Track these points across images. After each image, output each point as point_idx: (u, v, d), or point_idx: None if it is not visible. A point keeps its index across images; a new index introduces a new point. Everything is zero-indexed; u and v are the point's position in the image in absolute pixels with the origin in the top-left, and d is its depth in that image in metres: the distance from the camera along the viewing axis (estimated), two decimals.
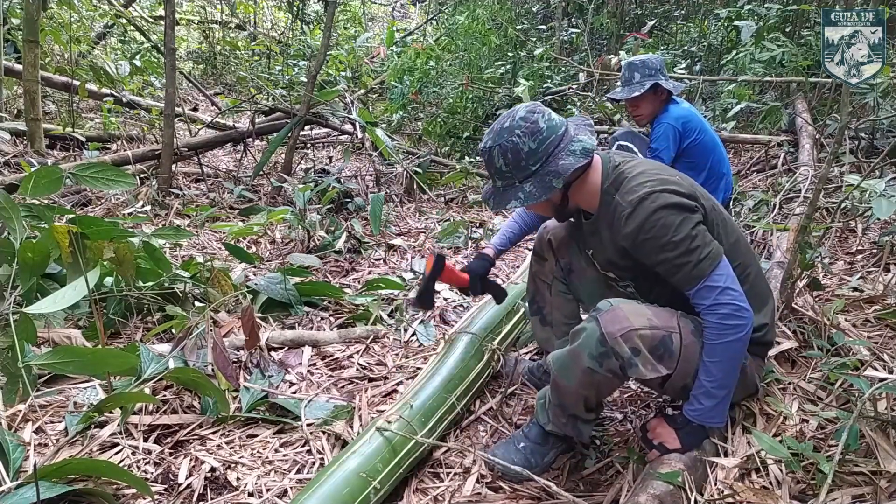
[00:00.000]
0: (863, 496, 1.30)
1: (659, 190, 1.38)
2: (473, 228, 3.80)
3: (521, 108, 1.50)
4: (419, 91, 5.76)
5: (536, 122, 1.46)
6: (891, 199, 1.65)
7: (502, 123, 1.49)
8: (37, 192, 2.03)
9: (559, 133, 1.47)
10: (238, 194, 4.31)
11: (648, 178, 1.42)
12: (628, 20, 7.19)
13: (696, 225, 1.37)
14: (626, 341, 1.34)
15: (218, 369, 1.87)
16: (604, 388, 1.47)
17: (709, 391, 1.40)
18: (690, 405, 1.44)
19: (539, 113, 1.48)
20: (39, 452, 1.59)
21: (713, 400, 1.40)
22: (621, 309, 1.38)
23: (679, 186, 1.41)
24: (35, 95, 4.48)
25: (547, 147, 1.46)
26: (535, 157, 1.46)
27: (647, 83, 2.67)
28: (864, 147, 3.62)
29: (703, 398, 1.41)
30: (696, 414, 1.43)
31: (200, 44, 9.78)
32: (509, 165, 1.48)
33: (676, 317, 1.42)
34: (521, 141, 1.45)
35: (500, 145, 1.47)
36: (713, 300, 1.35)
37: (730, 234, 1.49)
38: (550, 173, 1.45)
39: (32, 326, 1.85)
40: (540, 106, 1.51)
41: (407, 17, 11.84)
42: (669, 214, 1.36)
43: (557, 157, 1.46)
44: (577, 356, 1.40)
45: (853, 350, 1.76)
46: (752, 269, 1.51)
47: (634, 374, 1.36)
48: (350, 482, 1.39)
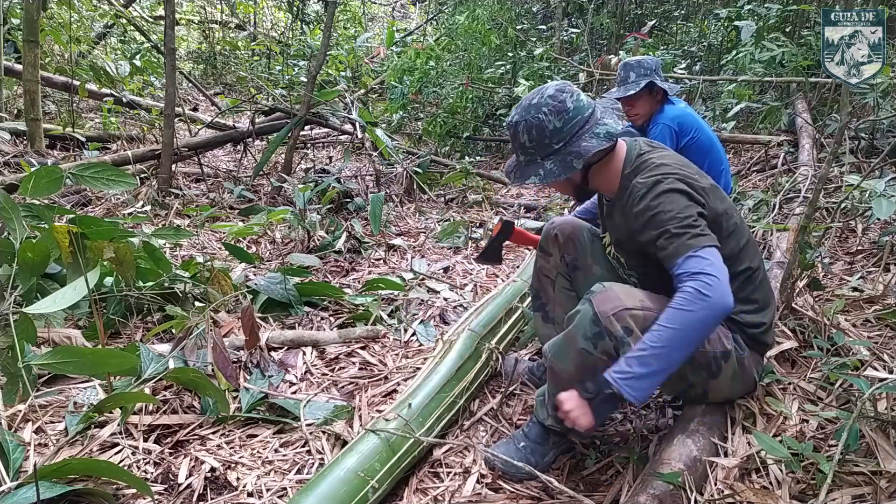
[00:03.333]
0: (863, 496, 1.30)
1: (675, 177, 1.41)
2: (473, 228, 3.80)
3: (551, 85, 1.51)
4: (419, 91, 5.75)
5: (564, 101, 1.47)
6: (891, 199, 1.65)
7: (531, 99, 1.50)
8: (37, 192, 2.03)
9: (585, 115, 1.48)
10: (238, 194, 4.31)
11: (669, 169, 1.45)
12: (628, 20, 7.19)
13: (700, 215, 1.39)
14: (619, 320, 1.35)
15: (218, 369, 1.87)
16: (600, 372, 1.46)
17: (646, 358, 1.26)
18: (618, 367, 1.30)
19: (568, 92, 1.49)
20: (39, 452, 1.59)
21: (645, 369, 1.26)
22: (613, 290, 1.40)
23: (695, 182, 1.44)
24: (35, 95, 4.48)
25: (572, 127, 1.47)
26: (560, 135, 1.47)
27: (642, 82, 2.68)
28: (864, 147, 3.62)
29: (636, 364, 1.27)
30: (619, 377, 1.27)
31: (200, 44, 9.78)
32: (533, 142, 1.49)
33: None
34: (547, 119, 1.46)
35: (526, 121, 1.48)
36: (700, 269, 1.28)
37: (741, 237, 1.50)
38: (572, 153, 1.46)
39: (32, 326, 1.85)
40: (570, 85, 1.52)
41: (407, 17, 11.84)
42: (679, 197, 1.38)
43: (581, 138, 1.47)
44: (572, 338, 1.42)
45: (853, 350, 1.76)
46: (760, 273, 1.53)
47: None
48: (348, 481, 1.39)
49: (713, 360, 1.45)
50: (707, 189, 1.45)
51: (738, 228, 1.49)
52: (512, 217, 4.08)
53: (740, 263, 1.47)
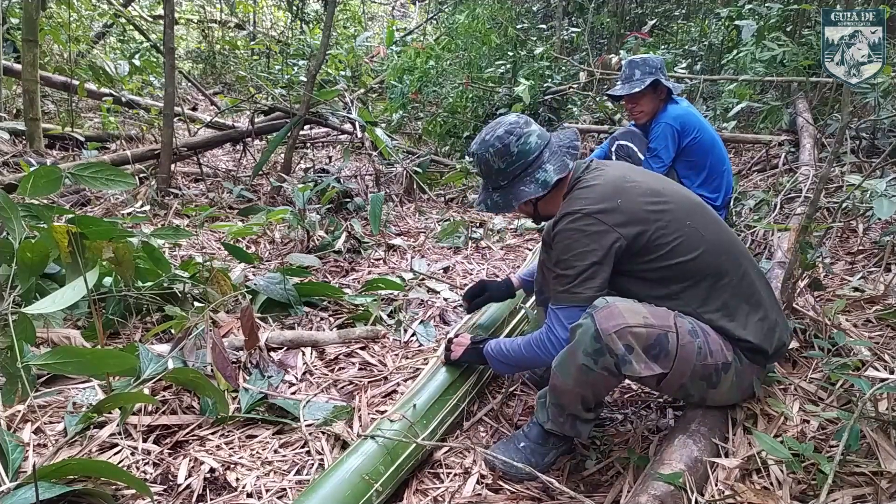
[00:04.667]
0: (864, 497, 1.29)
1: (583, 213, 1.48)
2: (473, 228, 3.80)
3: (504, 122, 1.64)
4: (419, 91, 5.75)
5: (508, 145, 1.61)
6: (892, 199, 1.65)
7: (485, 134, 1.65)
8: (36, 191, 2.02)
9: (529, 159, 1.61)
10: (237, 194, 4.30)
11: (590, 194, 1.51)
12: (629, 19, 7.19)
13: (594, 263, 1.45)
14: (621, 338, 1.35)
15: (217, 370, 1.86)
16: (600, 387, 1.47)
17: (506, 354, 1.67)
18: (496, 343, 1.73)
19: (515, 135, 1.61)
20: (38, 453, 1.59)
21: (504, 358, 1.68)
22: (616, 306, 1.39)
23: (610, 210, 1.46)
24: (34, 95, 4.48)
25: (515, 170, 1.62)
26: (503, 174, 1.64)
27: (647, 80, 2.68)
28: (865, 147, 3.62)
29: (500, 355, 1.69)
30: (491, 351, 1.72)
31: (200, 43, 9.78)
32: (483, 174, 1.69)
33: (673, 316, 1.42)
34: (493, 159, 1.63)
35: (478, 155, 1.66)
36: (550, 324, 1.54)
37: (693, 247, 1.46)
38: (513, 194, 1.63)
39: (31, 327, 1.84)
40: (521, 126, 1.63)
41: (407, 17, 11.83)
42: (577, 240, 1.47)
43: (522, 181, 1.62)
44: (573, 353, 1.42)
45: (854, 350, 1.76)
46: (731, 278, 1.49)
47: (629, 372, 1.36)
48: (353, 484, 1.38)
49: (714, 372, 1.44)
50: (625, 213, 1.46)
51: (685, 242, 1.46)
52: (512, 216, 4.07)
53: (697, 274, 1.46)
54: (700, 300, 1.46)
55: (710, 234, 1.51)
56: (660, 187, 1.55)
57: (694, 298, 1.47)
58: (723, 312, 1.46)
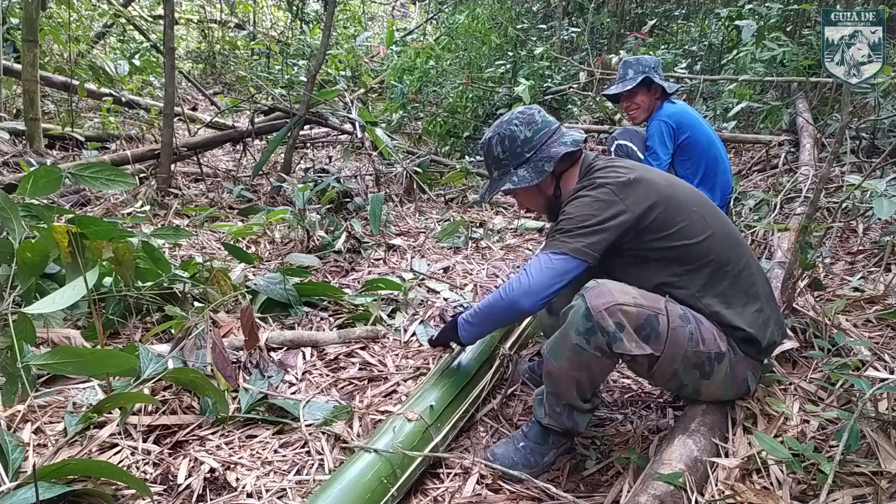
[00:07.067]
0: (864, 497, 1.29)
1: (599, 183, 1.52)
2: (473, 228, 3.80)
3: (517, 108, 1.71)
4: (419, 91, 5.75)
5: (533, 114, 1.67)
6: (892, 199, 1.65)
7: (502, 119, 1.70)
8: (36, 191, 2.02)
9: (552, 127, 1.67)
10: (237, 194, 4.30)
11: (608, 173, 1.55)
12: (629, 19, 7.19)
13: (597, 223, 1.47)
14: (611, 315, 1.37)
15: (217, 370, 1.86)
16: (595, 370, 1.47)
17: (475, 316, 1.65)
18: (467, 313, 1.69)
19: (535, 109, 1.69)
20: (38, 453, 1.59)
21: (472, 317, 1.66)
22: (607, 286, 1.42)
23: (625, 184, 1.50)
24: (34, 95, 4.48)
25: (541, 136, 1.64)
26: (530, 144, 1.64)
27: (639, 78, 2.73)
28: (865, 147, 3.62)
29: (470, 316, 1.67)
30: (462, 320, 1.70)
31: (200, 43, 9.78)
32: (506, 152, 1.66)
33: (664, 300, 1.44)
34: (518, 129, 1.65)
35: (498, 134, 1.67)
36: (527, 267, 1.51)
37: (699, 232, 1.49)
38: (543, 158, 1.62)
39: (31, 326, 1.84)
40: (536, 107, 1.72)
41: (407, 17, 11.84)
42: (588, 203, 1.50)
43: (550, 145, 1.63)
44: (566, 334, 1.44)
45: (854, 350, 1.76)
46: (733, 267, 1.51)
47: (620, 350, 1.38)
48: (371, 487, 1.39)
49: (707, 361, 1.45)
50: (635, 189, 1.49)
51: (692, 225, 1.49)
52: (512, 216, 4.07)
53: (700, 259, 1.49)
54: (699, 285, 1.49)
55: (716, 223, 1.54)
56: (668, 177, 1.63)
57: (694, 283, 1.49)
58: (720, 299, 1.49)
